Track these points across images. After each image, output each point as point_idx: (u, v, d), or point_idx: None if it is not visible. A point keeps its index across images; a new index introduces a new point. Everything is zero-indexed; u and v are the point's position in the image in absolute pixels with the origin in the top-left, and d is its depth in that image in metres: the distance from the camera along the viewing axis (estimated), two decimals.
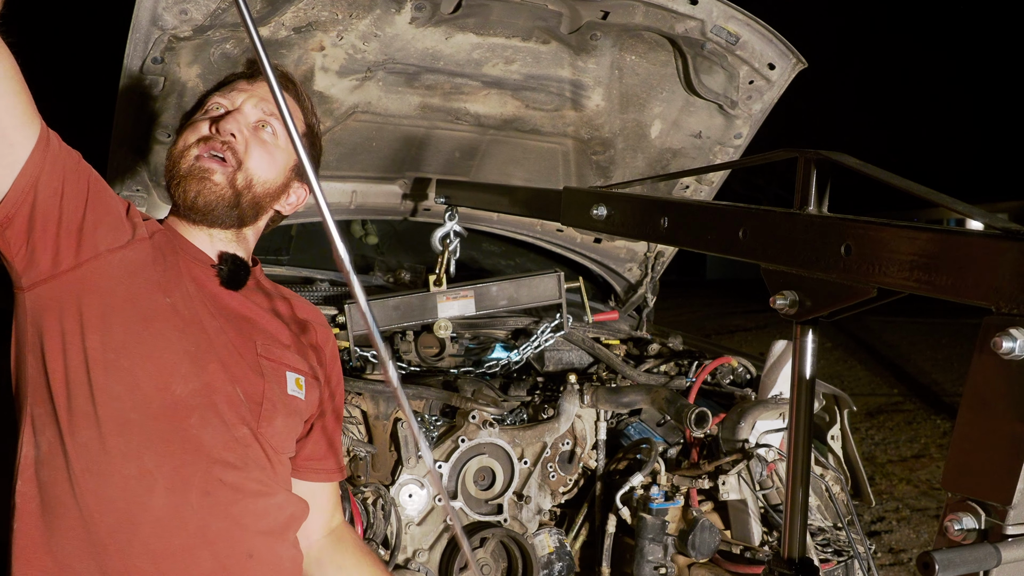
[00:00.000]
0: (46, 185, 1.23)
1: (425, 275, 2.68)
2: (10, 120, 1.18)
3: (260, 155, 1.47)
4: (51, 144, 1.24)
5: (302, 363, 1.51)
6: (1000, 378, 0.98)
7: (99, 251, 1.30)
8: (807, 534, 1.59)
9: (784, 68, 2.51)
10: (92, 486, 1.26)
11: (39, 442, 1.28)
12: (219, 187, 1.43)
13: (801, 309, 1.29)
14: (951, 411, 7.29)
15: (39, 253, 1.26)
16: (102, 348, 1.27)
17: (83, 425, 1.26)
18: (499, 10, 2.20)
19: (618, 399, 2.39)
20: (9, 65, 1.16)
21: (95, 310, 1.28)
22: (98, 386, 1.26)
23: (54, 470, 1.27)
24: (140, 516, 1.27)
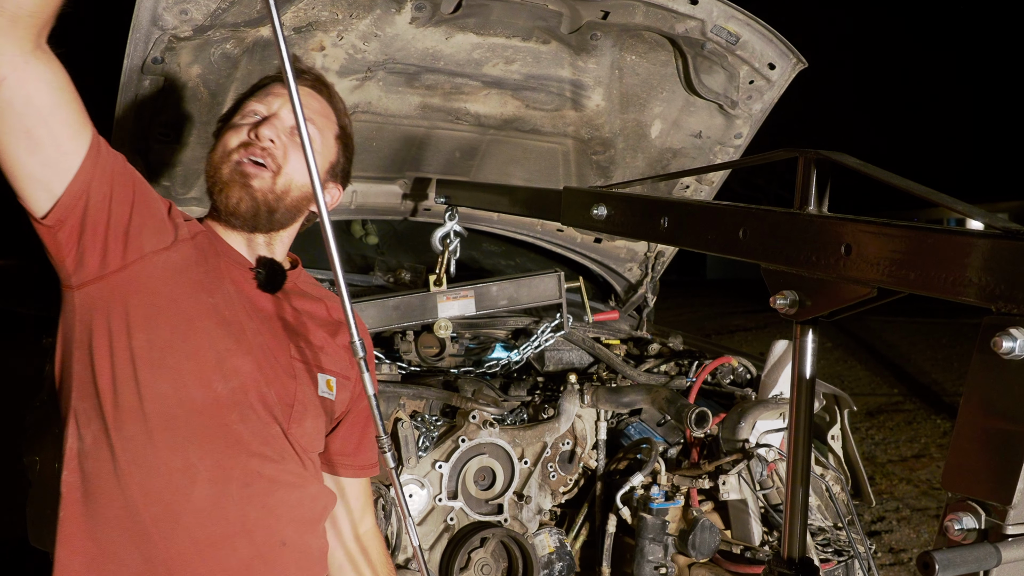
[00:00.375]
0: (96, 190, 1.29)
1: (425, 275, 2.68)
2: (64, 130, 1.24)
3: (298, 159, 1.50)
4: (101, 151, 1.30)
5: (334, 364, 1.56)
6: (1000, 378, 0.98)
7: (144, 252, 1.35)
8: (807, 534, 1.59)
9: (784, 68, 2.51)
10: (138, 477, 1.31)
11: (83, 435, 1.33)
12: (260, 192, 1.47)
13: (801, 309, 1.29)
14: (951, 411, 7.29)
15: (88, 254, 1.32)
16: (148, 347, 1.33)
17: (130, 420, 1.32)
18: (499, 10, 2.20)
19: (618, 399, 2.39)
20: (63, 77, 1.22)
21: (141, 310, 1.34)
22: (144, 383, 1.32)
23: (99, 462, 1.32)
24: (183, 506, 1.33)
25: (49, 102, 1.20)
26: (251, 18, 2.01)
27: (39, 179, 1.25)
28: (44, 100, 1.20)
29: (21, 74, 1.16)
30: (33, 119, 1.20)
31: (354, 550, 1.68)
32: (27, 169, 1.24)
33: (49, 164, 1.25)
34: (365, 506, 1.72)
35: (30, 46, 1.16)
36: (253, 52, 2.11)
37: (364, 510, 1.72)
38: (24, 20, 1.13)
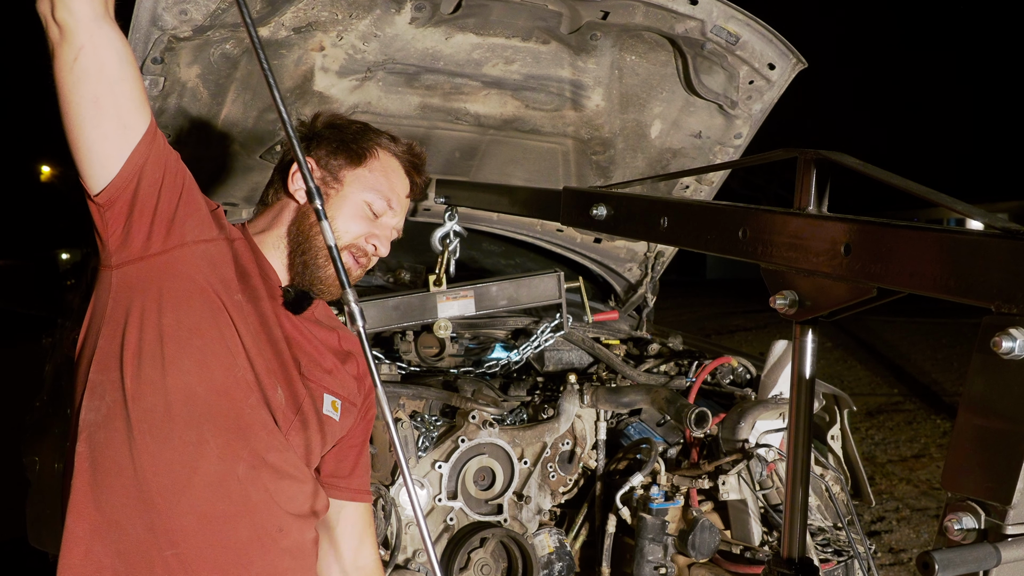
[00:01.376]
0: (148, 174, 1.35)
1: (425, 275, 2.68)
2: (128, 103, 1.31)
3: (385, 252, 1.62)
4: (157, 137, 1.36)
5: (340, 389, 1.60)
6: (1000, 378, 0.98)
7: (186, 240, 1.41)
8: (807, 534, 1.59)
9: (784, 68, 2.51)
10: (152, 448, 1.35)
11: (99, 406, 1.38)
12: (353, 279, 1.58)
13: (801, 309, 1.29)
14: (951, 411, 7.29)
15: (133, 235, 1.37)
16: (176, 326, 1.38)
17: (149, 392, 1.36)
18: (499, 10, 2.20)
19: (618, 399, 2.39)
20: (129, 49, 1.31)
21: (174, 292, 1.39)
22: (169, 358, 1.37)
23: (111, 432, 1.36)
24: (192, 479, 1.37)
25: (118, 72, 1.28)
26: (251, 19, 2.01)
27: (98, 153, 1.31)
28: (114, 69, 1.27)
29: (97, 41, 1.24)
30: (103, 87, 1.27)
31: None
32: (89, 141, 1.30)
33: (109, 137, 1.30)
34: (364, 535, 1.71)
35: (102, 10, 1.25)
36: (253, 52, 2.11)
37: (363, 539, 1.71)
38: None
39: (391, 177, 1.62)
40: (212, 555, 1.38)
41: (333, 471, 1.66)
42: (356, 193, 1.57)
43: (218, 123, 2.24)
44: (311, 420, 1.52)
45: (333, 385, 1.58)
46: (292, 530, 1.49)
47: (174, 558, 1.35)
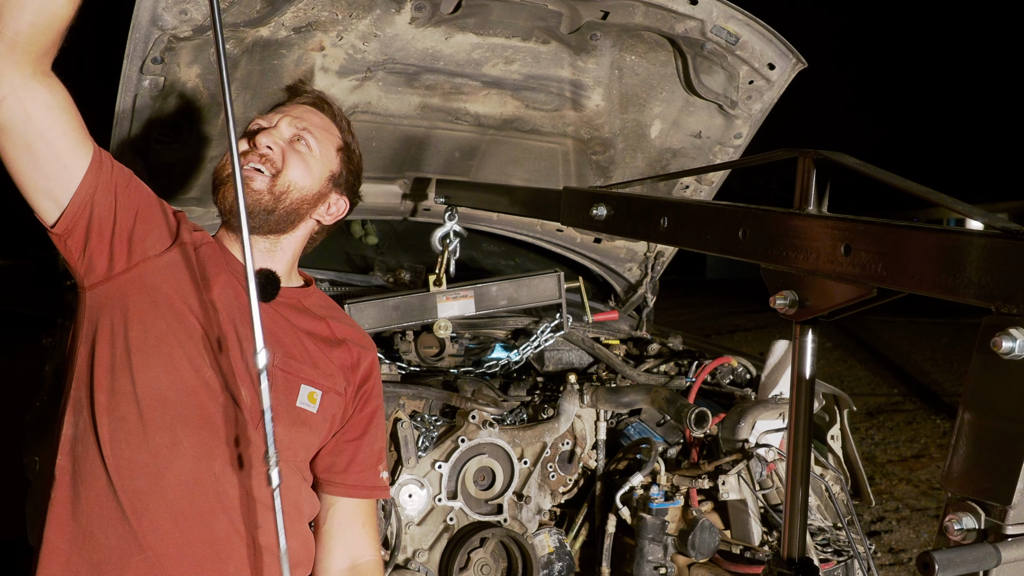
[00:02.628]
0: (100, 201, 1.40)
1: (425, 275, 2.68)
2: (64, 145, 1.34)
3: (295, 163, 1.60)
4: (103, 165, 1.40)
5: (323, 379, 1.58)
6: (1000, 378, 0.98)
7: (148, 255, 1.46)
8: (807, 534, 1.60)
9: (784, 68, 2.51)
10: (127, 454, 1.39)
11: (77, 421, 1.43)
12: (258, 193, 1.56)
13: (801, 309, 1.29)
14: (951, 411, 7.29)
15: (96, 259, 1.43)
16: (143, 336, 1.42)
17: (123, 402, 1.41)
18: (499, 10, 2.20)
19: (618, 399, 2.39)
20: (62, 97, 1.32)
21: (140, 305, 1.44)
22: (138, 368, 1.41)
23: (87, 444, 1.41)
24: (166, 478, 1.40)
25: (47, 121, 1.30)
26: (251, 18, 2.01)
27: (44, 191, 1.36)
28: (42, 119, 1.29)
29: (20, 95, 1.26)
30: (33, 135, 1.30)
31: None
32: (32, 182, 1.35)
33: (51, 177, 1.35)
34: (363, 535, 1.66)
35: (29, 70, 1.26)
36: (253, 52, 2.11)
37: (359, 537, 1.66)
38: (21, 47, 1.23)
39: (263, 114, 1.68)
40: (188, 552, 1.40)
41: (328, 466, 1.63)
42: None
43: (218, 123, 2.24)
44: (281, 415, 1.50)
45: (312, 375, 1.56)
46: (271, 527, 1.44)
47: (143, 563, 1.38)
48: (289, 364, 1.55)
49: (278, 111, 1.67)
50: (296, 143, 1.62)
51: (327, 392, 1.58)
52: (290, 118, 1.63)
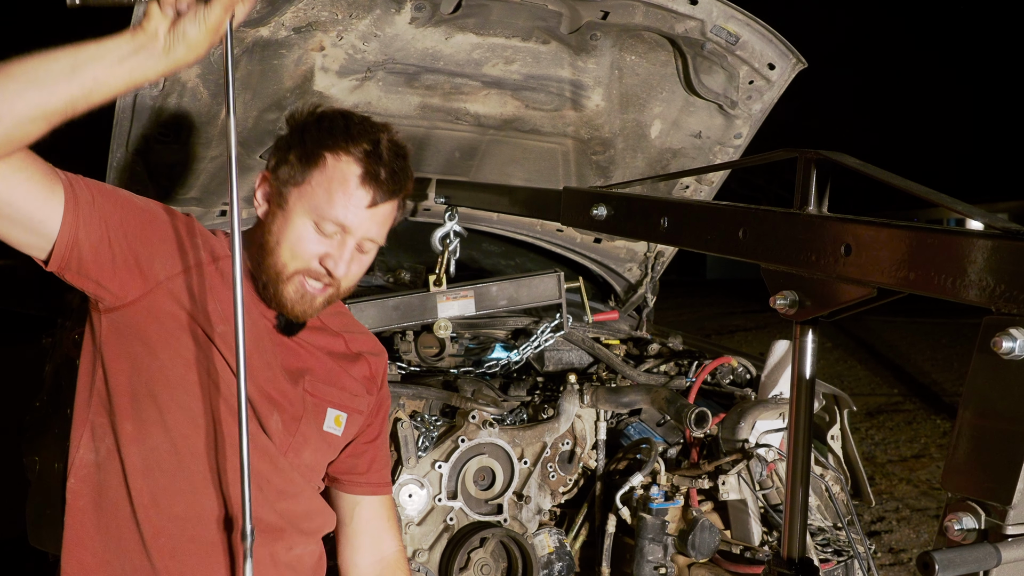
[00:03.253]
0: (87, 237, 1.30)
1: (425, 275, 2.68)
2: (31, 202, 1.24)
3: (356, 273, 1.48)
4: (80, 201, 1.29)
5: (348, 400, 1.59)
6: (1000, 378, 0.98)
7: (159, 279, 1.38)
8: (807, 534, 1.60)
9: (784, 68, 2.51)
10: (163, 483, 1.38)
11: (98, 447, 1.40)
12: (318, 307, 1.48)
13: (801, 309, 1.29)
14: (951, 411, 7.29)
15: (107, 286, 1.35)
16: (170, 366, 1.38)
17: (152, 432, 1.38)
18: (499, 10, 2.20)
19: (618, 399, 2.39)
20: (18, 162, 1.21)
21: (161, 335, 1.39)
22: (164, 400, 1.38)
23: (110, 473, 1.39)
24: (205, 506, 1.41)
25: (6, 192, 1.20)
26: (251, 18, 2.01)
27: (26, 243, 1.28)
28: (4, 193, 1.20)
29: None
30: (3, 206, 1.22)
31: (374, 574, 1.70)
32: (12, 237, 1.27)
33: (29, 231, 1.27)
34: (385, 526, 1.72)
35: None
36: (253, 52, 2.11)
37: (384, 530, 1.72)
38: None
39: (343, 190, 1.41)
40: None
41: (349, 468, 1.66)
42: (299, 216, 1.41)
43: (218, 123, 2.24)
44: (311, 440, 1.53)
45: (337, 398, 1.57)
46: (299, 546, 1.53)
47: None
48: (317, 388, 1.54)
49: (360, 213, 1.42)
50: (362, 250, 1.47)
51: (352, 414, 1.59)
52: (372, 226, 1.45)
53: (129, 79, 1.16)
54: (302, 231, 1.41)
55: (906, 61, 37.08)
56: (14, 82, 1.10)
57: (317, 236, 1.41)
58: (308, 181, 1.41)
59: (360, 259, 1.47)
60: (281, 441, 1.48)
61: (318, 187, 1.41)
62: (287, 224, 1.42)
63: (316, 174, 1.41)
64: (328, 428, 1.56)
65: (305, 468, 1.54)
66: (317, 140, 1.43)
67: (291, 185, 1.42)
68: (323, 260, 1.42)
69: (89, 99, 1.14)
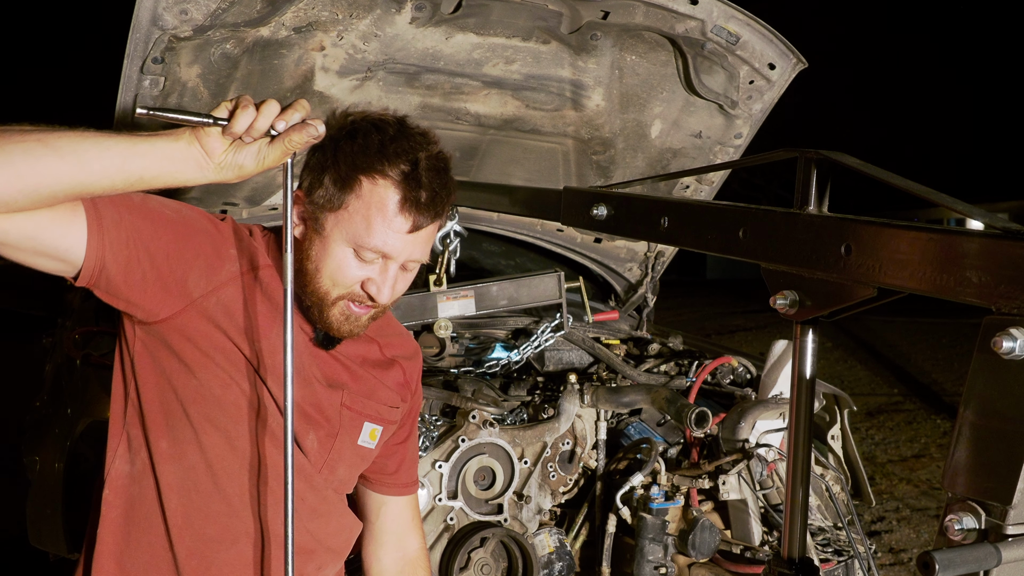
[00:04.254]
0: (114, 260, 1.25)
1: (425, 275, 2.68)
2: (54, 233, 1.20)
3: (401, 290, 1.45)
4: (104, 223, 1.24)
5: (383, 412, 1.56)
6: (1000, 378, 0.98)
7: (193, 297, 1.34)
8: (807, 534, 1.59)
9: (784, 68, 2.51)
10: (197, 503, 1.38)
11: (134, 460, 1.39)
12: (363, 327, 1.44)
13: (801, 309, 1.28)
14: (951, 411, 7.29)
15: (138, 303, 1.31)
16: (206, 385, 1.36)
17: (190, 451, 1.37)
18: (499, 10, 2.20)
19: (618, 399, 2.39)
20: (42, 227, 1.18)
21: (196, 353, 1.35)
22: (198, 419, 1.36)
23: (145, 488, 1.38)
24: (239, 527, 1.40)
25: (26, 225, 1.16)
26: (251, 18, 2.01)
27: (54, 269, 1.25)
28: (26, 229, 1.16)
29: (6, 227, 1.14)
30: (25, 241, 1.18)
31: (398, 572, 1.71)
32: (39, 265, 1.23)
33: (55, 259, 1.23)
34: (410, 526, 1.73)
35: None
36: (253, 52, 2.11)
37: (408, 529, 1.73)
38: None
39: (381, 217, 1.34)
40: None
41: (379, 469, 1.66)
42: (338, 244, 1.36)
43: None
44: (345, 456, 1.51)
45: (375, 411, 1.54)
46: (328, 566, 1.53)
47: None
48: (355, 402, 1.51)
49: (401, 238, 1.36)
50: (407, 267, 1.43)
51: (387, 426, 1.57)
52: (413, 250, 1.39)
53: (170, 180, 1.16)
54: (342, 259, 1.36)
55: (907, 61, 37.09)
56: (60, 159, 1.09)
57: (358, 262, 1.37)
58: (345, 207, 1.35)
59: (404, 277, 1.43)
60: (316, 459, 1.47)
61: (355, 214, 1.34)
62: (325, 251, 1.37)
63: (352, 200, 1.35)
64: (363, 442, 1.53)
65: (339, 483, 1.53)
66: (352, 162, 1.36)
67: (327, 211, 1.36)
68: (365, 285, 1.38)
69: (124, 187, 1.14)
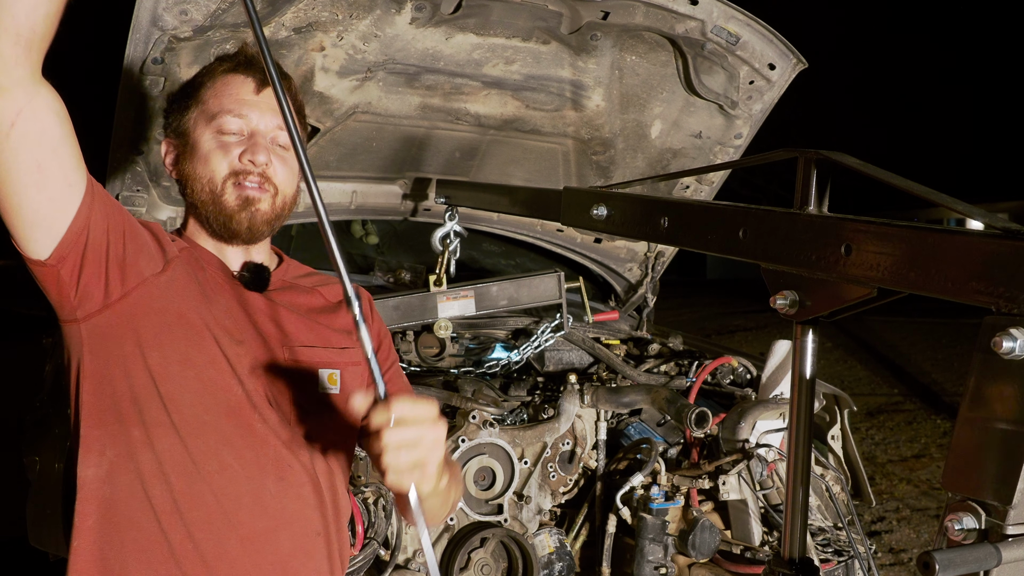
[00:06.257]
0: (95, 225, 1.30)
1: (425, 275, 2.69)
2: (71, 162, 1.24)
3: (284, 172, 1.50)
4: (95, 189, 1.30)
5: (336, 355, 1.54)
6: (1000, 378, 0.98)
7: (144, 277, 1.37)
8: (807, 534, 1.60)
9: (784, 68, 2.51)
10: (181, 486, 1.35)
11: (99, 462, 1.35)
12: (266, 213, 1.48)
13: (801, 309, 1.29)
14: (951, 411, 7.29)
15: (91, 287, 1.33)
16: (164, 362, 1.36)
17: (160, 434, 1.35)
18: (499, 10, 2.20)
19: (618, 399, 2.39)
20: (63, 108, 1.21)
21: (151, 330, 1.36)
22: (168, 397, 1.35)
23: (118, 486, 1.35)
24: (228, 505, 1.36)
25: (60, 133, 1.21)
26: None
27: (43, 217, 1.25)
28: (55, 131, 1.20)
29: (35, 104, 1.16)
30: (46, 152, 1.20)
31: None
32: (33, 207, 1.23)
33: (55, 200, 1.24)
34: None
35: (39, 73, 1.16)
36: None
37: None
38: (37, 44, 1.12)
39: (226, 88, 1.48)
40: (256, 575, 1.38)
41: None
42: (201, 133, 1.46)
43: None
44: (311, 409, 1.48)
45: (325, 356, 1.52)
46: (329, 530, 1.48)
47: None
48: (302, 352, 1.50)
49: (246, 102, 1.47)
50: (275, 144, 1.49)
51: (345, 368, 1.53)
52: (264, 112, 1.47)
53: None
54: (209, 143, 1.46)
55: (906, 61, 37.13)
56: None
57: (225, 139, 1.46)
58: (198, 103, 1.48)
59: (282, 156, 1.48)
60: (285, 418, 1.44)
61: (207, 102, 1.48)
62: (196, 148, 1.47)
63: (204, 94, 1.49)
64: (324, 390, 1.51)
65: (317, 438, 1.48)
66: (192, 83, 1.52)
67: (185, 122, 1.49)
68: (241, 157, 1.45)
69: None
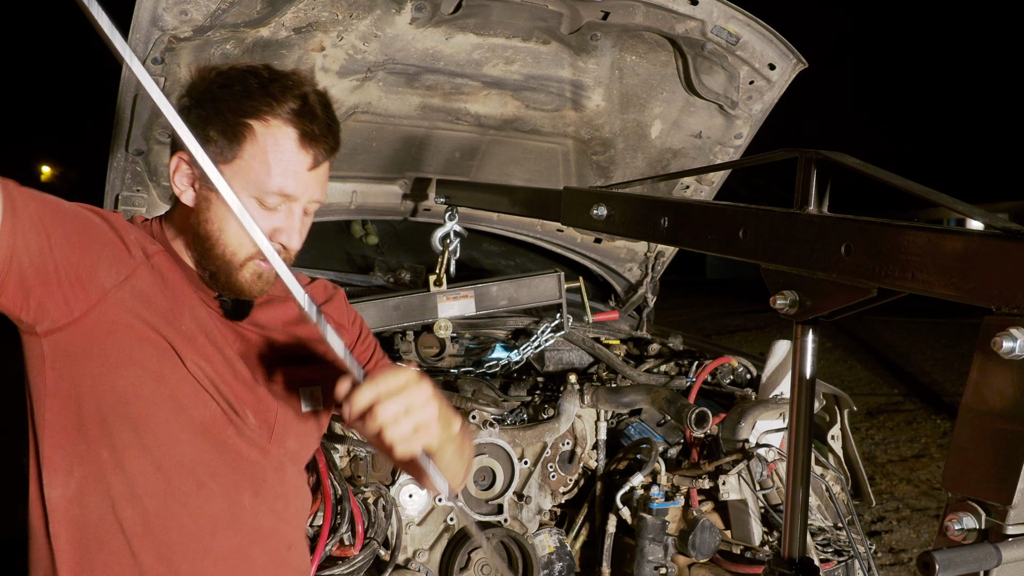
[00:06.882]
0: (27, 249, 1.16)
1: (425, 275, 2.68)
2: None
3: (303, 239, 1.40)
4: (17, 208, 1.15)
5: (315, 370, 1.49)
6: (1000, 378, 0.98)
7: (106, 290, 1.26)
8: (807, 534, 1.60)
9: (784, 68, 2.51)
10: (154, 507, 1.30)
11: (67, 482, 1.30)
12: (273, 281, 1.38)
13: (801, 309, 1.29)
14: (951, 411, 7.29)
15: (48, 305, 1.23)
16: (136, 382, 1.28)
17: (131, 456, 1.29)
18: (499, 10, 2.20)
19: (618, 399, 2.39)
20: None
21: (118, 349, 1.28)
22: (140, 417, 1.29)
23: (90, 508, 1.30)
24: (203, 523, 1.33)
25: None
26: (251, 19, 2.01)
27: None
28: None
29: None
30: None
31: None
32: None
33: None
34: None
35: None
36: (253, 52, 2.11)
37: None
38: None
39: (281, 158, 1.30)
40: None
41: None
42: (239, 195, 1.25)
43: None
44: (291, 427, 1.45)
45: (306, 372, 1.47)
46: (299, 543, 1.49)
47: None
48: (280, 375, 1.44)
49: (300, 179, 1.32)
50: (308, 210, 1.39)
51: (326, 382, 1.48)
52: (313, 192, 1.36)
53: None
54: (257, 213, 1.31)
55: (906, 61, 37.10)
56: None
57: (262, 212, 1.31)
58: (239, 156, 1.29)
59: (307, 222, 1.38)
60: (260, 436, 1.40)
61: (252, 160, 1.29)
62: (223, 205, 1.29)
63: (247, 147, 1.29)
64: (307, 407, 1.47)
65: (292, 455, 1.47)
66: (237, 109, 1.29)
67: (219, 164, 1.27)
68: (274, 236, 1.33)
69: None
